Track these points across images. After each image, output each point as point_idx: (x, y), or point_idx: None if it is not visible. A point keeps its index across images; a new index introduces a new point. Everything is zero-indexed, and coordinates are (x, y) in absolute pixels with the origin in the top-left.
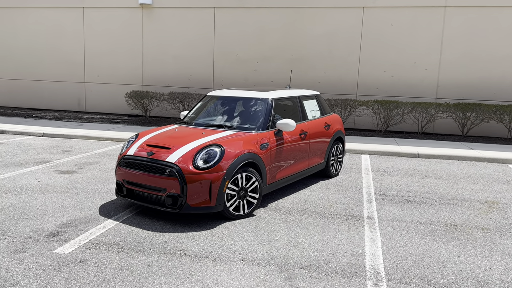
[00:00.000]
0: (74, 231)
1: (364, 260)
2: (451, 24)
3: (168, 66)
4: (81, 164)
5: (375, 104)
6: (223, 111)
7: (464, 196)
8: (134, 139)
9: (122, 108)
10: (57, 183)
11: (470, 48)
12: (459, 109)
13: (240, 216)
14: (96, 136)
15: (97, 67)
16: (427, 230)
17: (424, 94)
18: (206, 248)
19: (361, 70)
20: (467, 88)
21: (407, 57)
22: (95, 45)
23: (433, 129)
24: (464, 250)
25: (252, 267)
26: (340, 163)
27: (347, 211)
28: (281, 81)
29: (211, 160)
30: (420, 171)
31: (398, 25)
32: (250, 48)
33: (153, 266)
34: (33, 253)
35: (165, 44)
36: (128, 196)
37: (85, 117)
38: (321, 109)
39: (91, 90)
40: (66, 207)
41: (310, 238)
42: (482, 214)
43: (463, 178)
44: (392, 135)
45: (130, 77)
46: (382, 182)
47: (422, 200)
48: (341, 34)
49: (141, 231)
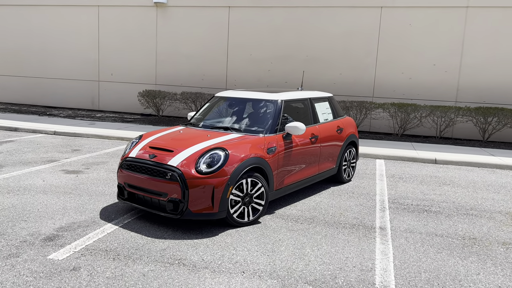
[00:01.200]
0: (72, 235)
1: (374, 276)
2: (473, 25)
3: (181, 65)
4: (88, 164)
5: (391, 106)
6: (230, 113)
7: (484, 207)
8: (137, 140)
9: (135, 107)
10: (61, 184)
11: (493, 50)
12: (480, 113)
13: (244, 223)
14: (107, 135)
15: (111, 66)
16: (444, 244)
17: (443, 97)
18: (206, 258)
19: (378, 71)
20: (489, 92)
21: (426, 59)
22: (110, 43)
23: (452, 133)
24: (484, 268)
25: (252, 280)
26: (353, 168)
27: (358, 220)
28: (295, 81)
29: (215, 164)
30: (438, 178)
31: (418, 26)
32: (264, 48)
33: (148, 277)
34: (26, 258)
35: (178, 43)
36: (129, 199)
37: (98, 116)
38: (333, 112)
39: (105, 88)
40: (67, 209)
41: (317, 250)
42: (504, 227)
43: (483, 186)
44: (409, 139)
45: (143, 76)
46: (397, 189)
47: (438, 210)
48: (357, 35)
49: (140, 237)
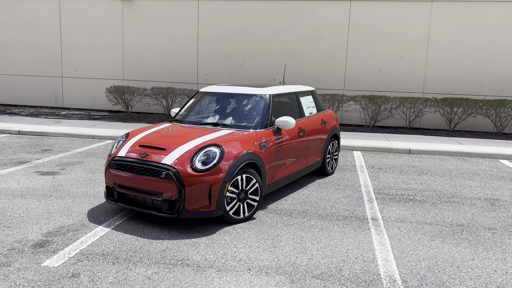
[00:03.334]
0: (63, 240)
1: (377, 266)
2: (438, 18)
3: (150, 60)
4: (63, 164)
5: (363, 99)
6: (217, 109)
7: (464, 194)
8: (124, 139)
9: (102, 103)
10: (39, 186)
11: (456, 43)
12: (446, 104)
13: (240, 220)
14: (76, 134)
15: (75, 61)
16: (435, 231)
17: (411, 89)
18: (209, 257)
19: (348, 64)
20: (453, 83)
21: (394, 51)
22: (73, 38)
23: (420, 124)
24: (476, 253)
25: (260, 277)
26: (335, 161)
27: (350, 212)
28: (268, 76)
29: (210, 162)
30: (415, 167)
31: (386, 19)
32: (236, 42)
33: (154, 279)
34: (19, 267)
35: (146, 37)
36: (120, 200)
37: (63, 114)
38: (317, 105)
39: (69, 85)
40: (51, 212)
41: (316, 243)
42: (486, 213)
43: (458, 174)
44: (380, 130)
45: (110, 72)
46: (379, 180)
47: (423, 199)
48: (328, 28)
49: (136, 239)
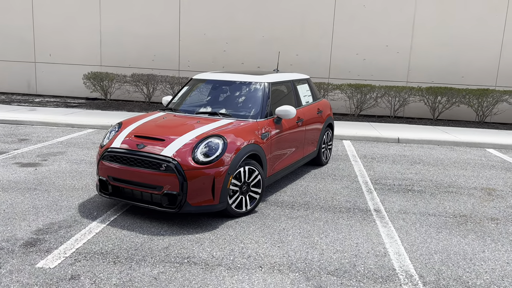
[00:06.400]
0: (55, 238)
1: (391, 260)
2: (422, 8)
3: (129, 45)
4: (44, 155)
5: (349, 88)
6: (214, 97)
7: (459, 184)
8: (117, 129)
9: (78, 90)
10: (21, 179)
11: (440, 32)
12: (431, 92)
13: (242, 213)
14: (54, 122)
15: (49, 46)
16: (440, 223)
17: (395, 78)
18: (216, 254)
19: (333, 52)
20: (437, 72)
21: (379, 40)
22: (46, 21)
23: (403, 113)
24: (485, 245)
25: (274, 275)
26: (330, 151)
27: (351, 203)
28: (252, 62)
29: (213, 154)
30: (406, 157)
31: (371, 7)
32: (219, 27)
33: (161, 279)
34: (10, 269)
35: (125, 20)
36: (114, 194)
37: (37, 101)
38: (312, 94)
39: (42, 70)
40: (39, 208)
41: (325, 237)
42: (485, 203)
43: (450, 164)
44: (365, 119)
45: (86, 57)
46: (374, 170)
47: (421, 189)
48: (313, 16)
49: (135, 236)
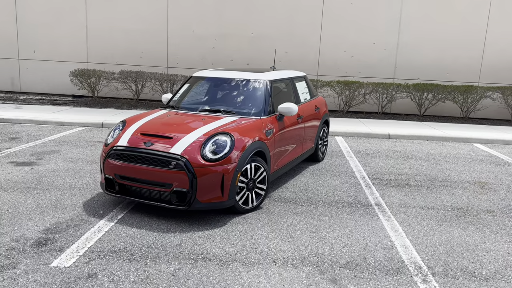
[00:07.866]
0: (65, 237)
1: (398, 253)
2: (409, 4)
3: (116, 41)
4: (38, 153)
5: (338, 84)
6: (216, 95)
7: (453, 178)
8: (121, 127)
9: (64, 88)
10: (19, 178)
11: (426, 29)
12: (418, 89)
13: (249, 209)
14: (43, 120)
15: (34, 42)
16: (439, 216)
17: (382, 75)
18: (229, 250)
19: (322, 49)
20: (422, 69)
21: (366, 37)
22: (30, 16)
23: (391, 109)
24: (485, 236)
25: (288, 269)
26: (326, 147)
27: (352, 198)
28: (241, 60)
29: (221, 151)
30: (399, 152)
31: (359, 5)
32: (208, 24)
33: (179, 276)
34: (25, 269)
35: (112, 16)
36: (121, 192)
37: (21, 98)
38: (309, 91)
39: (26, 67)
40: (43, 207)
41: (332, 232)
42: (479, 196)
43: (441, 158)
44: (354, 115)
45: (72, 53)
46: (370, 165)
47: (417, 184)
48: (302, 12)
49: (146, 233)
